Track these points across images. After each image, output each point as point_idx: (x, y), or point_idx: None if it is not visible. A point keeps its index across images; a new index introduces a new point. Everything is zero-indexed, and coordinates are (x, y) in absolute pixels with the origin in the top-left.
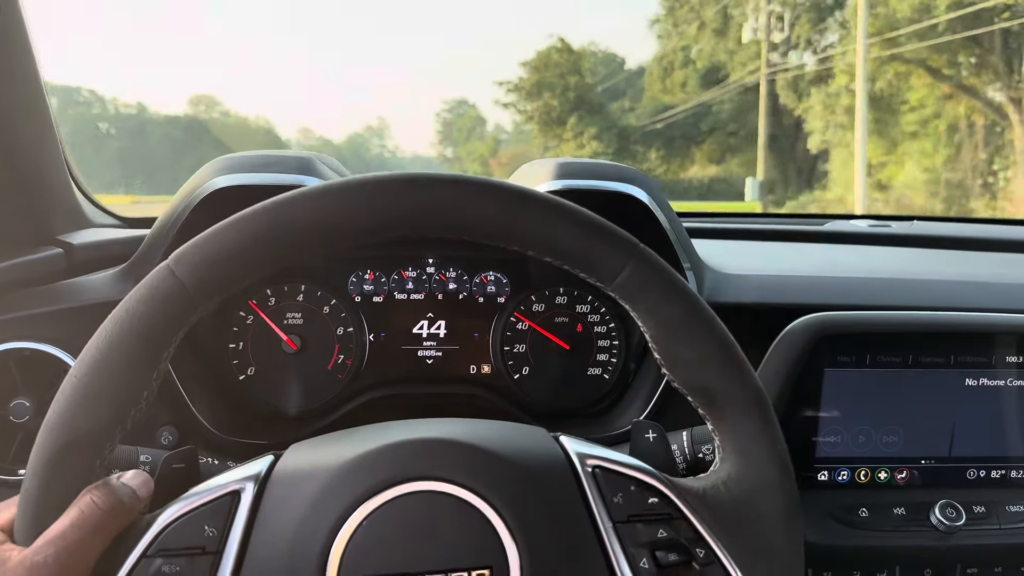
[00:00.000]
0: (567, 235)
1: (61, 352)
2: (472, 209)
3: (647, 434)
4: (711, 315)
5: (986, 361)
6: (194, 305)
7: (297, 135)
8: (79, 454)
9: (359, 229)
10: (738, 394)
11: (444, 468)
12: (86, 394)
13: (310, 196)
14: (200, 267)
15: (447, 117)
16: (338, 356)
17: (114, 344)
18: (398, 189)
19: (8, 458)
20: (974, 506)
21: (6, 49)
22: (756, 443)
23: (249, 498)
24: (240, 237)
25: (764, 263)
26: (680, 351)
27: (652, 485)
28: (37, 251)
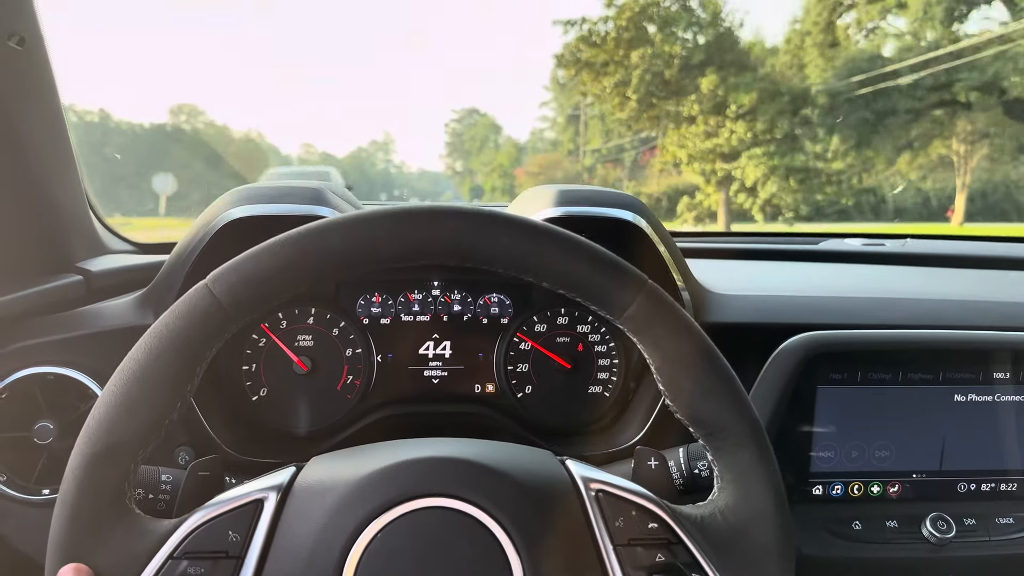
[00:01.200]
0: (579, 269)
1: (83, 376)
2: (489, 241)
3: (650, 461)
4: (713, 350)
5: (974, 377)
6: (229, 322)
7: (300, 150)
8: (116, 459)
9: (384, 257)
10: (736, 427)
11: (456, 486)
12: (124, 404)
13: (342, 225)
14: (236, 287)
15: (456, 128)
16: (347, 377)
17: (153, 356)
18: (422, 221)
19: (32, 479)
20: (965, 519)
21: (31, 82)
22: (752, 474)
23: (272, 507)
24: (275, 261)
25: (759, 283)
26: (683, 383)
27: (653, 511)
28: (58, 278)
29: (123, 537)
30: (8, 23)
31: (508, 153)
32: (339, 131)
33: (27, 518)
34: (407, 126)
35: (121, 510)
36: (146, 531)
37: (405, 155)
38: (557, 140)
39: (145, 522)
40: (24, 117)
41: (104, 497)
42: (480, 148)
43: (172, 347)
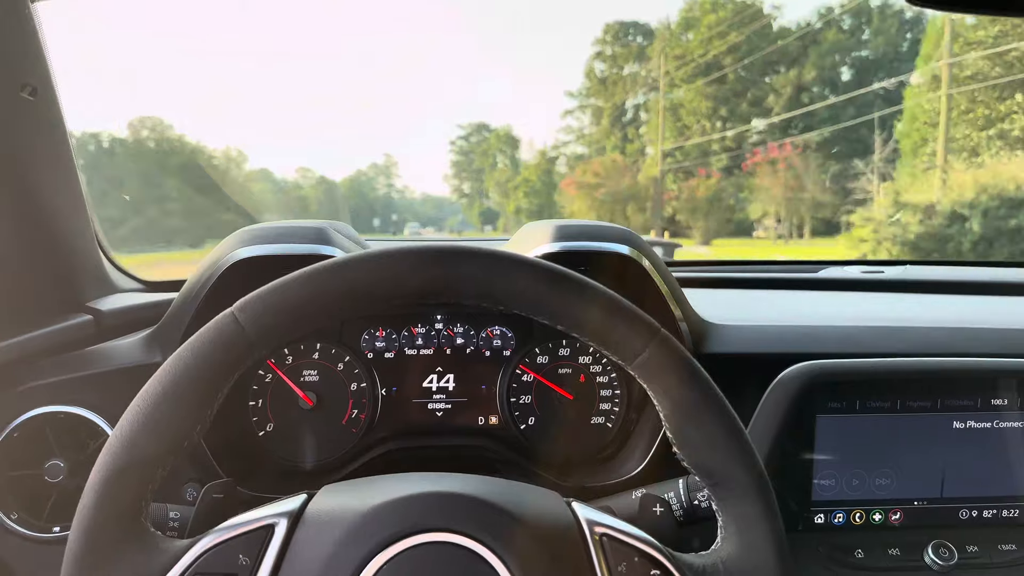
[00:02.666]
0: (593, 315)
1: (93, 415)
2: (508, 283)
3: (655, 508)
4: (722, 402)
5: (973, 404)
6: (252, 350)
7: (296, 174)
8: (136, 476)
9: (404, 293)
10: (742, 479)
11: (463, 522)
12: (148, 421)
13: (365, 261)
14: (262, 317)
15: (463, 145)
16: (352, 411)
17: (178, 378)
18: (446, 260)
19: (43, 516)
20: (967, 546)
21: (43, 129)
22: (756, 527)
23: (282, 532)
24: (301, 293)
25: (758, 313)
26: (690, 432)
27: (655, 558)
28: (68, 318)
29: (137, 554)
30: (22, 75)
31: (538, 166)
32: (338, 153)
33: (38, 555)
34: (410, 148)
35: (137, 527)
36: (159, 550)
37: (409, 179)
38: (588, 151)
39: (159, 541)
40: (36, 162)
41: (121, 513)
42: (493, 166)
43: (196, 370)
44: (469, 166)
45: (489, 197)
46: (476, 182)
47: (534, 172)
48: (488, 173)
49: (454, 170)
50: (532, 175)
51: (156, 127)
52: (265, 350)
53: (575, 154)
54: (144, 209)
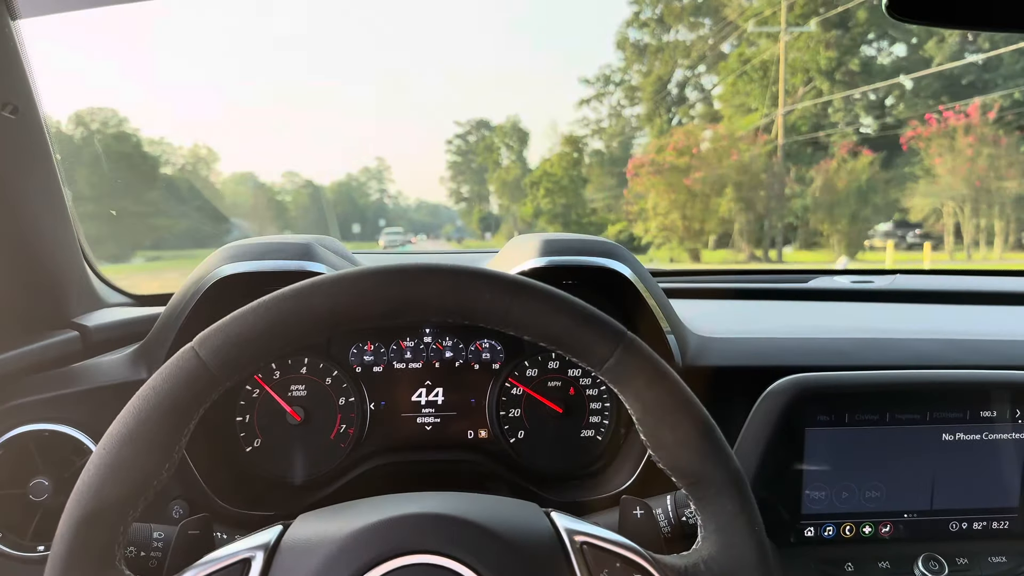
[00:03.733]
0: (559, 323)
1: (79, 433)
2: (471, 298)
3: (635, 511)
4: (693, 401)
5: (961, 416)
6: (215, 383)
7: (282, 179)
8: (105, 522)
9: (367, 315)
10: (717, 477)
11: (440, 542)
12: (113, 465)
13: (323, 285)
14: (222, 349)
15: (461, 145)
16: (340, 425)
17: (141, 419)
18: (405, 279)
19: (28, 535)
20: (957, 558)
21: (26, 146)
22: (735, 524)
23: (259, 566)
24: (260, 322)
25: (746, 325)
26: (663, 434)
27: (637, 562)
28: (54, 335)
29: None
30: (2, 93)
31: (563, 157)
32: (327, 157)
33: (21, 575)
34: (404, 151)
35: (112, 571)
36: None
37: (402, 183)
38: (609, 146)
39: None
40: (19, 178)
41: (93, 560)
42: (497, 164)
43: (159, 409)
44: (468, 167)
45: (490, 200)
46: (476, 184)
47: (558, 164)
48: (492, 173)
49: (451, 172)
50: (556, 168)
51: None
52: (229, 382)
53: (592, 150)
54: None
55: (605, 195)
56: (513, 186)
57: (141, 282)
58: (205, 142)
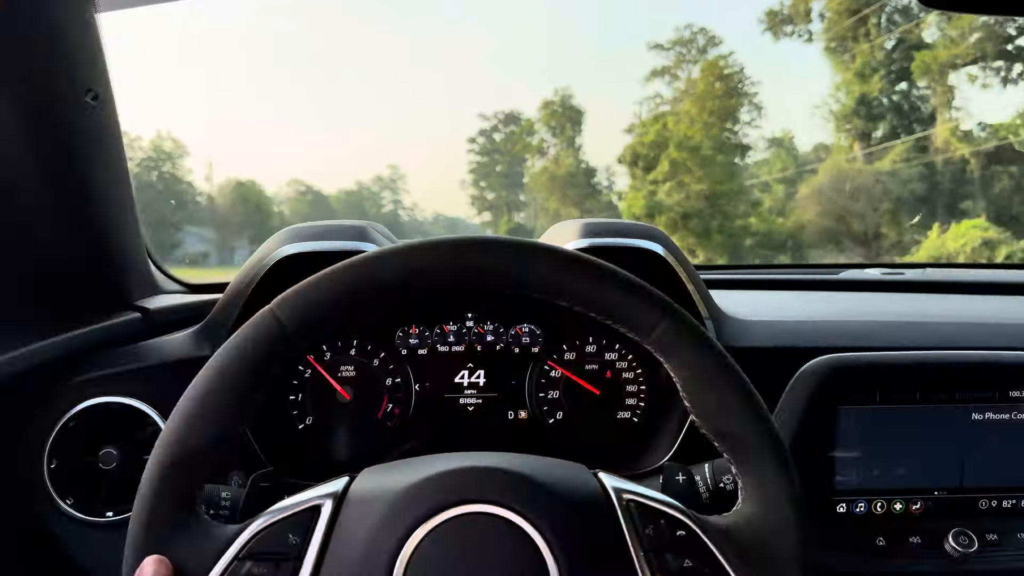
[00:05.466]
0: (610, 295)
1: (145, 406)
2: (529, 269)
3: (678, 476)
4: (735, 368)
5: (990, 396)
6: (292, 344)
7: (287, 188)
8: (187, 467)
9: (434, 282)
10: (758, 441)
11: (497, 493)
12: (197, 414)
13: (393, 254)
14: (298, 311)
15: (485, 144)
16: (387, 405)
17: (223, 374)
18: (467, 248)
19: (97, 501)
20: (987, 534)
21: (101, 134)
22: (774, 487)
23: (328, 512)
24: (334, 286)
25: (780, 310)
26: (707, 400)
27: (681, 520)
28: (119, 315)
29: (195, 538)
30: (85, 80)
31: (704, 102)
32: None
33: (92, 539)
34: (421, 157)
35: (192, 514)
36: (214, 534)
37: (418, 194)
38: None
39: (213, 527)
40: (93, 166)
41: (176, 501)
42: (540, 154)
43: (240, 365)
44: (493, 170)
45: (528, 205)
46: (505, 189)
47: (698, 114)
48: (531, 166)
49: (473, 176)
50: (690, 125)
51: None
52: (304, 344)
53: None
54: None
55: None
56: (566, 182)
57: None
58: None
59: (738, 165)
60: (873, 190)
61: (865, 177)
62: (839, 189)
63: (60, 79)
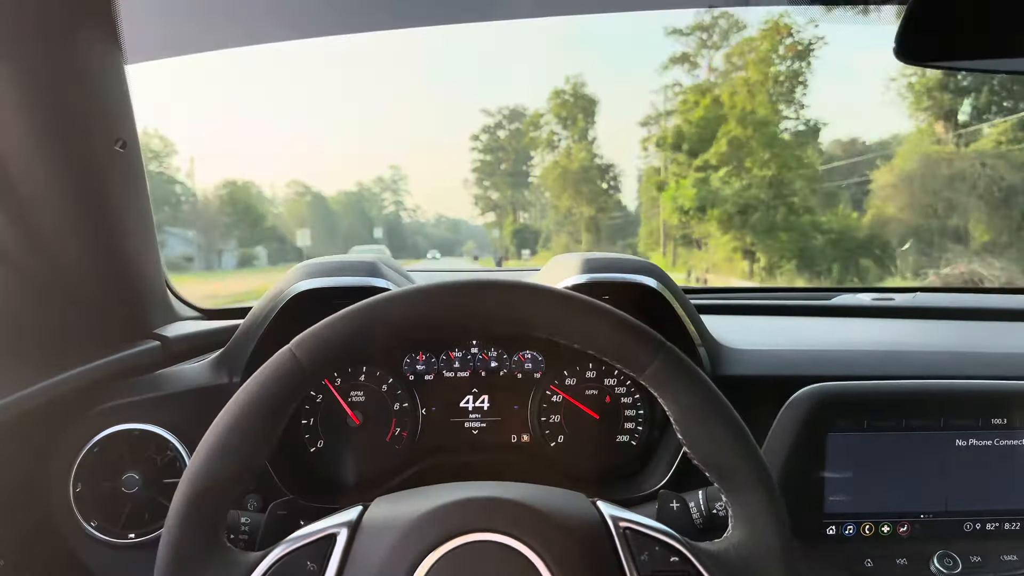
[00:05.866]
0: (605, 333)
1: (166, 432)
2: (529, 310)
3: (672, 503)
4: (725, 403)
5: (974, 423)
6: (308, 381)
7: (285, 189)
8: (213, 499)
9: (439, 323)
10: (746, 472)
11: (503, 523)
12: (221, 449)
13: (401, 297)
14: (315, 350)
15: (489, 142)
16: (395, 429)
17: (246, 411)
18: (469, 291)
19: (120, 524)
20: (971, 556)
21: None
22: (761, 515)
23: (343, 540)
24: (347, 327)
25: (772, 338)
26: (698, 433)
27: (674, 546)
28: (139, 344)
29: (220, 567)
30: (116, 130)
31: (767, 65)
32: (337, 166)
33: (115, 559)
34: (423, 158)
35: (216, 543)
36: (238, 561)
37: (420, 196)
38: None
39: (237, 554)
40: (119, 206)
41: (202, 531)
42: (546, 148)
43: (262, 401)
44: (498, 167)
45: (533, 204)
46: (510, 188)
47: (759, 78)
48: (541, 161)
49: (477, 175)
50: (748, 97)
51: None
52: (319, 379)
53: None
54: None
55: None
56: (579, 178)
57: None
58: (156, 128)
59: (810, 147)
60: (974, 176)
61: (962, 161)
62: (930, 176)
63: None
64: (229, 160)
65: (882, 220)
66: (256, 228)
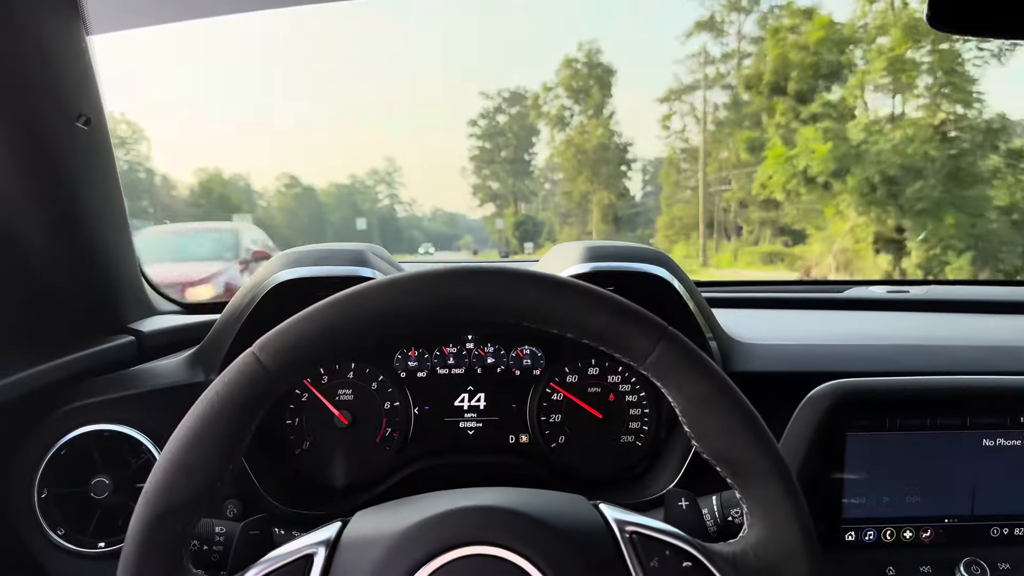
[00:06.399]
0: (601, 320)
1: (138, 433)
2: (517, 298)
3: (680, 502)
4: (735, 391)
5: (1002, 422)
6: (274, 386)
7: (275, 182)
8: (173, 521)
9: (417, 317)
10: (762, 464)
11: (496, 534)
12: (181, 467)
13: (374, 289)
14: (280, 353)
15: (487, 127)
16: (386, 429)
17: (206, 423)
18: (450, 281)
19: (88, 532)
20: (999, 563)
21: (94, 157)
22: (780, 511)
23: (321, 561)
24: (315, 326)
25: (786, 332)
26: (707, 425)
27: (686, 550)
28: (112, 339)
29: None
30: (78, 105)
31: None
32: (330, 158)
33: (83, 570)
34: (418, 148)
35: (180, 570)
36: None
37: (416, 189)
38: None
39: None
40: (86, 189)
41: (163, 559)
42: (556, 126)
43: (224, 413)
44: (498, 155)
45: (536, 194)
46: (512, 176)
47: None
48: (552, 139)
49: (475, 163)
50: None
51: None
52: (288, 384)
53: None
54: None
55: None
56: (597, 159)
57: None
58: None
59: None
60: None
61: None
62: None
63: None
64: (217, 153)
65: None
66: (231, 220)
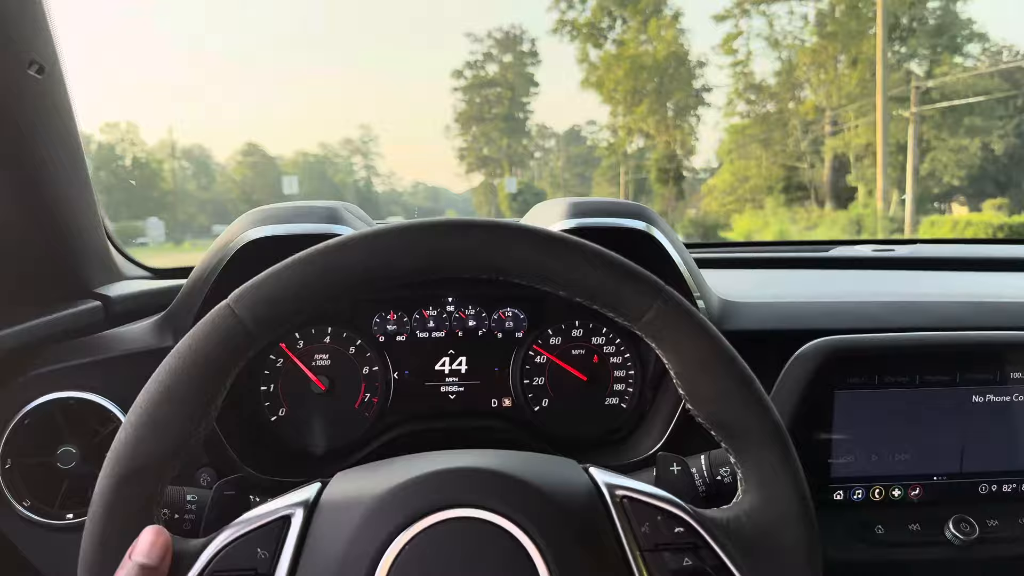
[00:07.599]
0: (596, 277)
1: (105, 400)
2: (506, 252)
3: (672, 466)
4: (732, 352)
5: (991, 378)
6: (251, 341)
7: (239, 156)
8: (143, 481)
9: (402, 271)
10: (758, 428)
11: (482, 496)
12: (151, 423)
13: (356, 241)
14: (258, 306)
15: (476, 76)
16: (364, 395)
17: (177, 377)
18: (438, 234)
19: (56, 503)
20: (988, 520)
21: (50, 109)
22: (776, 476)
23: (299, 523)
24: (295, 278)
25: (772, 291)
26: (703, 387)
27: (678, 515)
28: (77, 304)
29: None
30: (28, 51)
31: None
32: (298, 126)
33: (51, 542)
34: (397, 117)
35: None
36: (175, 552)
37: (395, 161)
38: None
39: (174, 542)
40: (43, 144)
41: (132, 519)
42: (587, 39)
43: (196, 367)
44: (488, 111)
45: (533, 156)
46: (507, 135)
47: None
48: (585, 53)
49: (461, 122)
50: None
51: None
52: (265, 340)
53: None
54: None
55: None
56: (665, 77)
57: None
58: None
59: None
60: None
61: None
62: None
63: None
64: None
65: None
66: (153, 198)
